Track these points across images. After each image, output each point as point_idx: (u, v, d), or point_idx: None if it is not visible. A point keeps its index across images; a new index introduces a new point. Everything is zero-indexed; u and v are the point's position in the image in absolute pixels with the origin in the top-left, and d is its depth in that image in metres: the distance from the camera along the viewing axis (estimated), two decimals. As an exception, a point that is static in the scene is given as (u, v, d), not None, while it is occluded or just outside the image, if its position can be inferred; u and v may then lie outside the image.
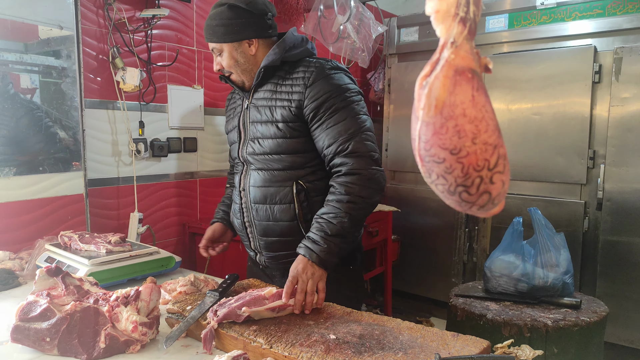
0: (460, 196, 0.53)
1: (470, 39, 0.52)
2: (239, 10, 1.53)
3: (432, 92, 0.50)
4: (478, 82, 0.50)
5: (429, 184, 0.57)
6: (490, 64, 0.52)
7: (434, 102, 0.49)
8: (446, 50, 0.50)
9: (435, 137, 0.51)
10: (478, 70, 0.51)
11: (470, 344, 1.05)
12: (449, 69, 0.51)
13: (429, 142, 0.52)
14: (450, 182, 0.53)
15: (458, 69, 0.50)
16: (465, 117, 0.50)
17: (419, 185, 3.73)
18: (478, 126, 0.49)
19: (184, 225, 2.79)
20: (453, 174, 0.52)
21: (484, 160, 0.51)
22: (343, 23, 2.90)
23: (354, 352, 1.01)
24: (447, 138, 0.51)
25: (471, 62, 0.50)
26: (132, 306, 1.16)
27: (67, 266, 1.58)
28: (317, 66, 1.52)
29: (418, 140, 0.52)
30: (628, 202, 2.91)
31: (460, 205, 0.54)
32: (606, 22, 2.97)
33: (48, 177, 2.01)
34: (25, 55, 2.01)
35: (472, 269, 3.53)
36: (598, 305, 1.98)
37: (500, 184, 0.52)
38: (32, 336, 1.10)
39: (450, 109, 0.50)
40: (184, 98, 2.75)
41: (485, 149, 0.50)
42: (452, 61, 0.50)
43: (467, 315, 1.95)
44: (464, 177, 0.51)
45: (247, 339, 1.10)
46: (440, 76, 0.50)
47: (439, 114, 0.50)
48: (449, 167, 0.52)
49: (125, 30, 2.40)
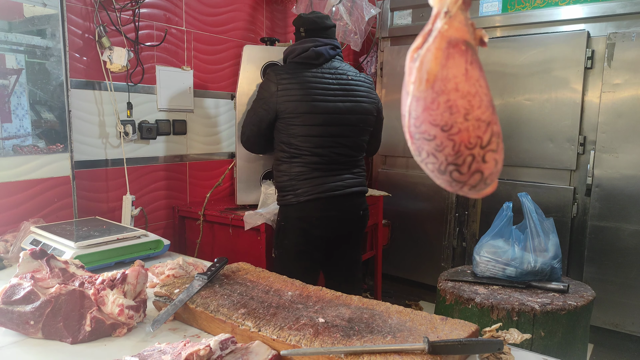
0: (451, 175, 0.50)
1: (465, 10, 0.49)
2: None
3: (424, 65, 0.47)
4: (472, 55, 0.48)
5: (418, 162, 0.55)
6: (485, 37, 0.49)
7: (425, 76, 0.47)
8: (439, 21, 0.48)
9: (426, 112, 0.49)
10: (472, 42, 0.48)
11: (458, 328, 1.05)
12: (441, 41, 0.48)
13: (419, 118, 0.49)
14: (440, 161, 0.50)
15: (451, 40, 0.47)
16: (458, 91, 0.47)
17: (410, 170, 3.73)
18: (471, 101, 0.47)
19: (173, 208, 2.77)
20: (444, 152, 0.50)
21: (476, 137, 0.48)
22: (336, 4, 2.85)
23: (342, 335, 1.01)
24: (438, 114, 0.48)
25: (465, 33, 0.47)
26: (118, 289, 1.14)
27: (52, 249, 1.56)
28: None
29: (408, 117, 0.50)
30: (617, 188, 2.93)
31: (451, 185, 0.52)
32: (600, 7, 2.96)
33: (33, 159, 1.97)
34: (10, 34, 1.95)
35: (461, 254, 3.56)
36: (585, 290, 2.00)
37: (493, 163, 0.49)
38: (16, 319, 1.08)
39: (442, 83, 0.47)
40: (173, 79, 2.70)
41: (478, 126, 0.48)
42: (445, 32, 0.47)
43: (455, 299, 1.96)
44: (455, 155, 0.49)
45: (235, 322, 1.09)
46: (432, 48, 0.47)
47: (430, 89, 0.47)
48: (439, 144, 0.50)
49: (112, 9, 2.34)
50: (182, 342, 0.95)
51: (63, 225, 1.83)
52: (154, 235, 1.76)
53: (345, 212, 2.16)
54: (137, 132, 2.52)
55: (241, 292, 1.24)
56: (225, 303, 1.17)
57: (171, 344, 0.96)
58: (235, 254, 2.55)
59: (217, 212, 2.60)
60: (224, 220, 2.56)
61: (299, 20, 2.20)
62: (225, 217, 2.55)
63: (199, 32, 2.82)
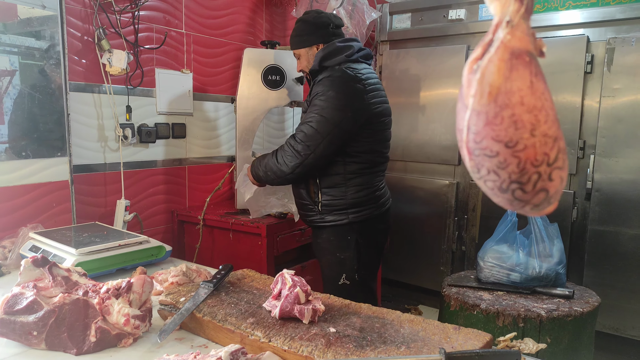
0: (514, 194, 0.48)
1: (527, 18, 0.47)
2: (307, 23, 2.04)
3: (485, 78, 0.45)
4: (536, 67, 0.45)
5: (475, 179, 0.52)
6: (544, 47, 0.47)
7: (487, 89, 0.44)
8: (501, 30, 0.45)
9: (488, 127, 0.46)
10: (535, 53, 0.46)
11: (472, 337, 1.03)
12: (504, 52, 0.45)
13: (480, 133, 0.47)
14: (503, 179, 0.48)
15: (514, 51, 0.45)
16: (523, 105, 0.45)
17: (408, 173, 3.71)
18: (537, 116, 0.44)
19: (172, 213, 2.74)
20: (507, 170, 0.47)
21: (543, 154, 0.46)
22: (336, 8, 2.84)
23: (355, 346, 0.99)
24: (501, 129, 0.45)
25: (528, 44, 0.45)
26: (123, 298, 1.12)
27: (52, 255, 1.52)
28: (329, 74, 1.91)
29: (467, 132, 0.47)
30: (617, 192, 2.93)
31: (512, 203, 0.49)
32: (599, 11, 2.96)
33: (31, 163, 1.94)
34: (4, 36, 1.92)
35: (460, 258, 3.54)
36: (590, 296, 1.99)
37: (558, 181, 0.47)
38: (18, 330, 1.05)
39: (506, 96, 0.45)
40: (173, 82, 2.67)
41: (545, 142, 0.45)
42: (508, 42, 0.45)
43: (460, 305, 1.94)
44: (519, 173, 0.46)
45: (244, 332, 1.06)
46: (494, 59, 0.45)
47: (493, 102, 0.45)
48: (502, 161, 0.47)
49: (111, 11, 2.31)
50: (191, 353, 0.93)
51: (63, 230, 1.80)
52: (156, 241, 1.73)
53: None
54: (136, 135, 2.49)
55: (248, 301, 1.22)
56: (232, 312, 1.15)
57: (180, 356, 0.93)
58: (235, 258, 2.52)
59: (217, 216, 2.57)
60: (224, 224, 2.54)
61: (324, 17, 2.04)
62: (225, 222, 2.52)
63: (198, 35, 2.80)
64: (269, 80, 2.54)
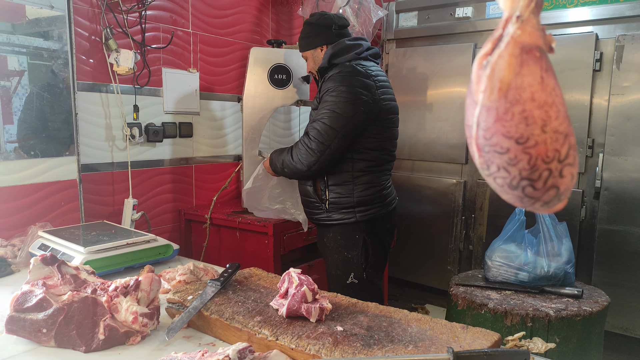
0: (524, 191, 0.47)
1: (537, 13, 0.46)
2: (311, 26, 2.07)
3: (496, 73, 0.44)
4: (546, 62, 0.45)
5: (484, 176, 0.51)
6: (554, 42, 0.46)
7: (497, 85, 0.44)
8: (511, 25, 0.45)
9: (498, 124, 0.46)
10: (545, 48, 0.46)
11: (480, 337, 1.02)
12: (514, 47, 0.45)
13: (490, 129, 0.46)
14: (513, 175, 0.47)
15: (525, 46, 0.44)
16: (534, 101, 0.44)
17: (416, 172, 3.70)
18: (548, 112, 0.44)
19: (179, 211, 2.75)
20: (517, 166, 0.46)
21: (554, 150, 0.46)
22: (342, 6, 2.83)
23: (363, 345, 0.99)
24: (512, 125, 0.45)
25: (538, 39, 0.45)
26: (131, 296, 1.12)
27: (61, 254, 1.53)
28: (338, 70, 1.91)
29: (476, 128, 0.47)
30: (626, 191, 2.90)
31: (522, 200, 0.49)
32: (608, 9, 2.93)
33: (40, 162, 1.95)
34: (13, 36, 1.93)
35: (468, 257, 3.53)
36: (599, 295, 1.97)
37: (569, 178, 0.46)
38: (28, 327, 1.06)
39: (516, 92, 0.44)
40: (179, 82, 2.68)
41: (556, 138, 0.45)
42: (518, 38, 0.44)
43: (468, 305, 1.93)
44: (530, 169, 0.46)
45: (252, 330, 1.06)
46: (505, 54, 0.45)
47: (503, 98, 0.44)
48: (513, 158, 0.46)
49: (118, 11, 2.32)
50: (199, 351, 0.93)
51: (71, 229, 1.81)
52: (163, 240, 1.74)
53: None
54: (143, 134, 2.50)
55: (255, 299, 1.22)
56: (240, 310, 1.15)
57: (188, 354, 0.94)
58: (242, 257, 2.52)
59: (224, 215, 2.58)
60: (230, 223, 2.54)
61: (327, 19, 2.05)
62: (232, 221, 2.53)
63: (205, 34, 2.81)
64: (275, 79, 2.54)
